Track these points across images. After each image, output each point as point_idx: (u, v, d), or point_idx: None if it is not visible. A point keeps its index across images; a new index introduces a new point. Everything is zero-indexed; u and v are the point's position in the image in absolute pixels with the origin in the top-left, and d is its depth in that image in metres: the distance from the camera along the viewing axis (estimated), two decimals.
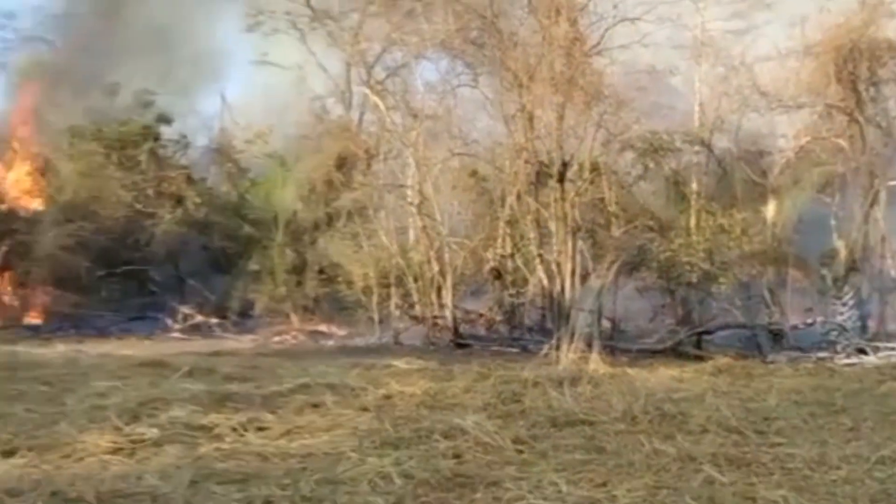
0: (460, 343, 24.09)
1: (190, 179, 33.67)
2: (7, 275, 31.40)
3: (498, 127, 26.27)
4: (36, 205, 32.43)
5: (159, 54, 38.86)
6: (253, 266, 30.83)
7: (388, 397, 12.43)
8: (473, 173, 27.31)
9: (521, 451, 8.93)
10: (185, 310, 30.73)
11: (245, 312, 31.22)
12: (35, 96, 37.15)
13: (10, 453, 8.82)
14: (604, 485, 7.56)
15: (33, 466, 8.28)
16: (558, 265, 23.27)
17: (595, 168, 23.85)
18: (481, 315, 25.95)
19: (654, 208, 24.72)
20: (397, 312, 26.95)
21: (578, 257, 23.24)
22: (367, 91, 29.31)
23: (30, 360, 17.33)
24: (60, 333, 28.15)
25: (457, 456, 8.60)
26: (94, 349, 21.30)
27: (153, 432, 9.63)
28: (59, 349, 20.73)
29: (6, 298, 31.63)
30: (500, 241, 25.55)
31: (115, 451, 9.03)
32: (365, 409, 11.29)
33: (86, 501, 6.73)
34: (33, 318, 31.43)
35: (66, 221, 30.56)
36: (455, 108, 26.66)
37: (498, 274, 25.48)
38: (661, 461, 8.39)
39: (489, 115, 26.45)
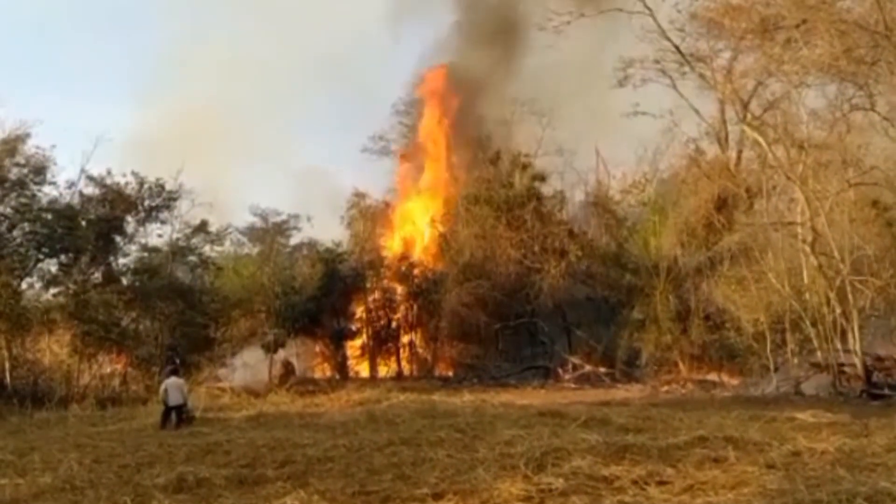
0: (874, 394, 21.47)
1: (571, 233, 35.24)
2: (420, 331, 35.66)
3: None
4: (440, 267, 36.32)
5: (533, 118, 41.68)
6: (636, 315, 30.98)
7: (796, 454, 11.54)
8: (874, 203, 24.64)
9: None
10: (574, 360, 31.94)
11: (631, 361, 31.43)
12: (435, 171, 42.20)
13: (439, 496, 9.96)
14: None
15: None
16: None
17: None
18: None
19: None
20: (795, 360, 25.03)
21: None
22: (745, 128, 28.17)
23: (444, 408, 19.32)
24: (466, 383, 31.08)
25: None
26: (495, 398, 22.99)
27: (559, 482, 10.12)
28: (466, 398, 22.59)
29: (421, 352, 35.84)
30: None
31: (527, 500, 9.67)
32: (771, 467, 10.60)
33: None
34: (443, 370, 35.13)
35: (466, 280, 33.86)
36: (847, 134, 24.32)
37: None
38: None
39: (889, 138, 23.67)
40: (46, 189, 26.86)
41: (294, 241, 40.94)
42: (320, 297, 33.35)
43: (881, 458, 11.06)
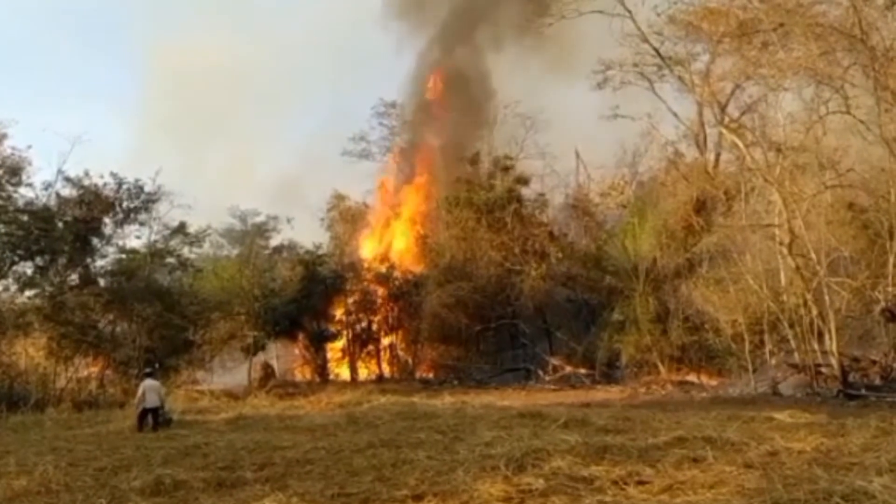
0: (851, 394, 21.66)
1: (552, 235, 35.37)
2: (401, 333, 35.64)
3: (876, 152, 23.63)
4: (421, 269, 36.31)
5: (515, 120, 41.81)
6: (616, 316, 31.08)
7: (773, 454, 11.60)
8: (850, 206, 24.86)
9: None
10: (554, 361, 32.01)
11: (611, 363, 31.53)
12: (416, 175, 42.15)
13: (419, 497, 9.91)
14: None
15: None
16: None
17: None
18: (874, 362, 23.14)
19: None
20: (773, 361, 25.21)
21: None
22: (723, 130, 28.38)
23: (425, 410, 19.24)
24: (447, 385, 31.06)
25: None
26: (476, 400, 22.99)
27: (539, 483, 10.12)
28: (447, 400, 22.54)
29: (401, 354, 35.82)
30: (891, 278, 22.79)
31: (507, 500, 9.65)
32: (749, 466, 10.65)
33: None
34: (424, 372, 35.10)
35: (446, 282, 33.86)
36: (823, 136, 24.54)
37: (891, 315, 22.68)
38: None
39: (865, 141, 23.90)
40: (22, 190, 26.54)
41: (274, 242, 40.85)
42: (300, 300, 33.20)
43: (858, 458, 11.11)
